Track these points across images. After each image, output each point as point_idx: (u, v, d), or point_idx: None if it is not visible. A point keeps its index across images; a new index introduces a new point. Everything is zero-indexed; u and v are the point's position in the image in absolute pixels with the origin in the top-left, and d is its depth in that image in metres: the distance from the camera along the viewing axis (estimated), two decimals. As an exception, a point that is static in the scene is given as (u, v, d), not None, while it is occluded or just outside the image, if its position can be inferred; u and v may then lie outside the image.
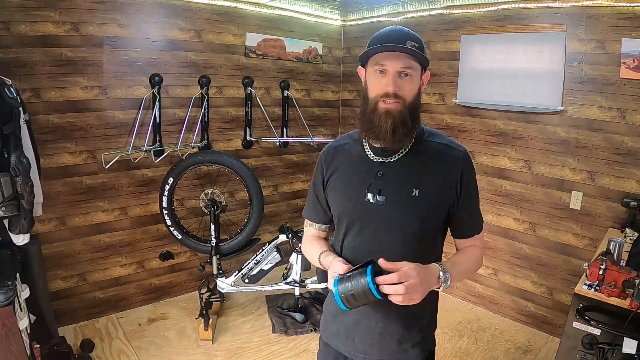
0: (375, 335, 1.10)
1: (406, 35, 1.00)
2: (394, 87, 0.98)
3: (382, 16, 3.47)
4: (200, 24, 2.96)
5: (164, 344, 2.61)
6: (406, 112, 1.00)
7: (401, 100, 0.99)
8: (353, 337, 1.14)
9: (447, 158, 1.06)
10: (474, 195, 1.11)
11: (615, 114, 2.43)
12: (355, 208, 1.09)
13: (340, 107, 4.01)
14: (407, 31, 1.02)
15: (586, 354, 1.68)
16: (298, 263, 2.87)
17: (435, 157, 1.06)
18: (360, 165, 1.09)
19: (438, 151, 1.06)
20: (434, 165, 1.06)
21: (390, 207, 1.04)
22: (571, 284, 2.63)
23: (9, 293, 1.66)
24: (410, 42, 0.98)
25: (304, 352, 2.61)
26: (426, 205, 1.03)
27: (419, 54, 0.98)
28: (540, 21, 2.64)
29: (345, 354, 1.17)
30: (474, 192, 1.11)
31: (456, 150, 1.07)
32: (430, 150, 1.07)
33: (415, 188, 1.03)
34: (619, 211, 2.46)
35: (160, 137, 2.88)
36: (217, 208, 2.90)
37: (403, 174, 1.05)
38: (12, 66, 2.28)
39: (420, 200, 1.03)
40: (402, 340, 1.10)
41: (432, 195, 1.04)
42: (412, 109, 1.02)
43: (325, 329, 1.24)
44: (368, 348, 1.12)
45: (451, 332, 2.85)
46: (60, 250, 2.63)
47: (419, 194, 1.03)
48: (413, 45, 0.98)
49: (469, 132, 3.09)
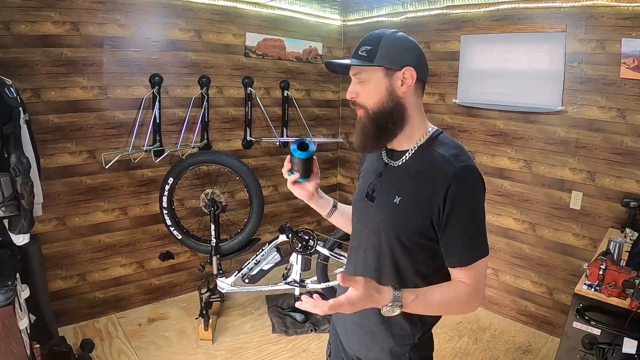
0: (368, 335, 1.12)
1: (365, 41, 1.01)
2: (349, 94, 1.04)
3: (382, 16, 3.47)
4: (200, 24, 2.96)
5: (164, 344, 2.61)
6: (366, 119, 1.02)
7: (361, 106, 1.03)
8: (351, 333, 1.17)
9: (437, 172, 0.96)
10: (462, 218, 0.95)
11: (615, 114, 2.43)
12: (357, 204, 1.15)
13: (340, 107, 4.01)
14: (371, 36, 1.01)
15: (586, 354, 1.68)
16: (298, 263, 2.87)
17: (428, 169, 0.99)
18: (375, 165, 1.12)
19: (435, 163, 0.98)
20: (424, 177, 0.99)
21: (376, 209, 1.06)
22: (571, 284, 2.63)
23: (9, 293, 1.66)
24: (364, 47, 1.00)
25: (304, 352, 2.61)
26: (403, 215, 1.00)
27: (365, 61, 0.98)
28: (540, 21, 2.64)
29: (347, 348, 1.20)
30: (463, 215, 0.94)
31: (450, 165, 0.95)
32: (429, 161, 1.00)
33: (398, 196, 1.01)
34: (619, 211, 2.46)
35: (160, 137, 2.88)
36: (217, 208, 2.90)
37: (394, 180, 1.04)
38: (12, 66, 2.28)
39: (399, 209, 1.00)
40: (396, 342, 1.09)
41: (410, 206, 0.99)
42: (378, 114, 1.00)
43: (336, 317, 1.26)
44: (363, 348, 1.14)
45: (451, 332, 2.85)
46: (60, 250, 2.63)
47: (399, 202, 1.00)
48: (365, 49, 0.99)
49: (469, 132, 3.09)
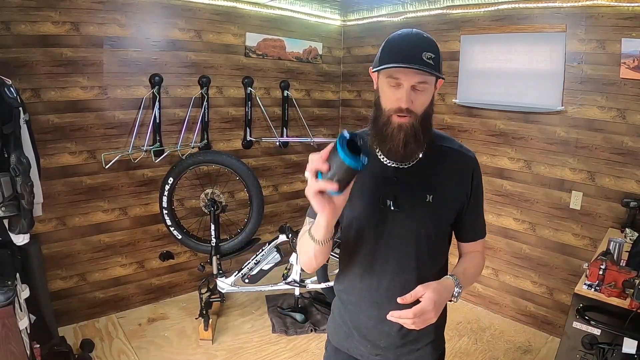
0: (389, 338, 1.10)
1: (423, 45, 0.93)
2: (407, 103, 0.94)
3: (382, 16, 3.47)
4: (200, 24, 2.96)
5: (164, 344, 2.61)
6: (418, 126, 0.97)
7: (413, 114, 0.96)
8: (368, 341, 1.13)
9: (459, 163, 1.08)
10: (480, 199, 1.13)
11: (615, 114, 2.43)
12: (371, 214, 1.05)
13: (340, 107, 4.01)
14: (424, 39, 0.96)
15: (586, 354, 1.68)
16: (298, 263, 2.87)
17: (448, 162, 1.07)
18: (375, 169, 1.05)
19: (450, 156, 1.08)
20: (447, 170, 1.07)
21: (404, 213, 1.04)
22: (571, 284, 2.63)
23: (9, 293, 1.66)
24: (426, 53, 0.92)
25: (303, 352, 2.61)
26: (439, 211, 1.05)
27: (435, 70, 0.93)
28: (540, 21, 2.64)
29: (359, 357, 1.16)
30: (480, 196, 1.13)
31: (467, 155, 1.10)
32: (443, 156, 1.07)
33: (428, 194, 1.03)
34: (619, 211, 2.46)
35: (160, 137, 2.88)
36: (217, 208, 2.90)
37: (417, 180, 1.04)
38: (12, 66, 2.28)
39: (433, 206, 1.04)
40: (417, 339, 1.11)
41: (444, 200, 1.05)
42: (424, 120, 0.99)
43: (334, 333, 1.21)
44: (383, 351, 1.12)
45: (451, 332, 2.85)
46: (60, 250, 2.63)
47: (432, 200, 1.03)
48: (429, 57, 0.92)
49: (469, 132, 3.09)
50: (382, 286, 1.07)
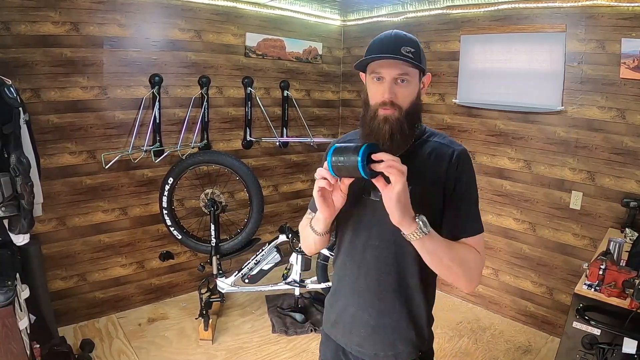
0: (369, 328, 1.12)
1: (401, 41, 1.00)
2: (390, 95, 1.00)
3: (382, 16, 3.47)
4: (200, 24, 2.96)
5: (164, 344, 2.61)
6: (403, 119, 1.01)
7: (397, 107, 1.01)
8: (350, 329, 1.16)
9: (440, 155, 1.07)
10: (467, 194, 1.07)
11: (615, 114, 2.43)
12: (355, 205, 1.11)
13: (340, 107, 4.01)
14: (402, 35, 1.02)
15: (586, 354, 1.68)
16: (298, 263, 2.88)
17: (429, 155, 1.08)
18: None
19: (433, 149, 1.08)
20: (427, 162, 1.07)
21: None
22: (571, 284, 2.63)
23: (9, 293, 1.66)
24: (405, 47, 0.98)
25: (303, 352, 2.61)
26: (418, 201, 1.03)
27: (413, 62, 0.98)
28: (540, 21, 2.64)
29: (343, 345, 1.19)
30: (467, 191, 1.07)
31: (450, 147, 1.08)
32: (427, 149, 1.08)
33: (408, 185, 1.02)
34: (619, 211, 2.46)
35: (160, 137, 2.88)
36: (217, 208, 2.90)
37: None
38: (12, 66, 2.28)
39: (412, 196, 1.02)
40: (396, 336, 1.12)
41: (422, 191, 1.04)
42: (410, 114, 1.02)
43: (326, 319, 1.26)
44: (362, 340, 1.14)
45: (451, 332, 2.85)
46: (60, 250, 2.63)
47: (411, 190, 1.01)
48: (408, 51, 0.98)
49: (469, 132, 3.09)
50: (361, 274, 1.11)
